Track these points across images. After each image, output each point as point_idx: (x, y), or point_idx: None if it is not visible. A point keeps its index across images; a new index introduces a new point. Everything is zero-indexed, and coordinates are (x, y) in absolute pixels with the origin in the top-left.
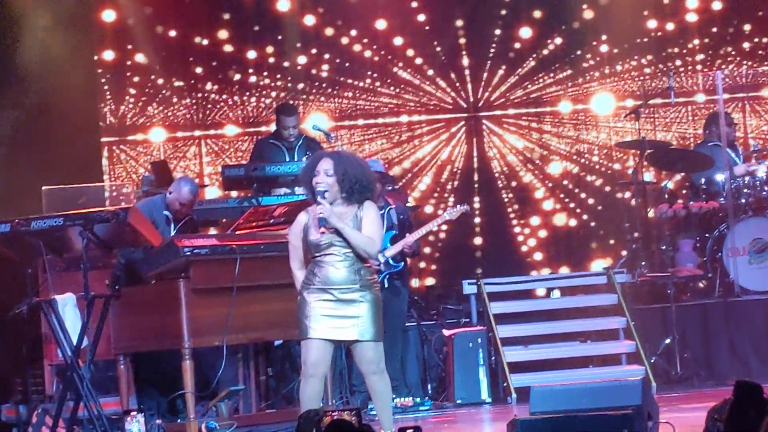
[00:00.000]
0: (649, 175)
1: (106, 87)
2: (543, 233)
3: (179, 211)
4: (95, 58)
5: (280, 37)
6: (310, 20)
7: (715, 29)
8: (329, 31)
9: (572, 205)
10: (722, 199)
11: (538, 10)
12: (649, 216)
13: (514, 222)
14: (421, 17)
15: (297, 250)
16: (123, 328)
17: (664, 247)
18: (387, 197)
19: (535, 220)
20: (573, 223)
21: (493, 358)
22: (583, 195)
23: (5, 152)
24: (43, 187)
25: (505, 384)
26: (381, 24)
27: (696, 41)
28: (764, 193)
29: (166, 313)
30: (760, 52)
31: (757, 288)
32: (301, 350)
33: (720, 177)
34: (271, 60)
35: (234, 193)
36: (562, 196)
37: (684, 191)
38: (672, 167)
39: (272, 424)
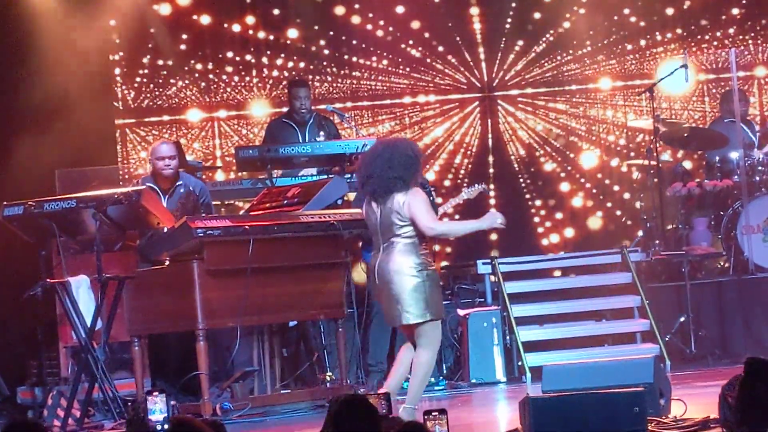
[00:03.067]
0: (666, 155)
1: (120, 69)
2: (559, 214)
3: (164, 176)
4: (116, 40)
5: (298, 20)
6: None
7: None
8: (340, 11)
9: (588, 185)
10: (737, 177)
11: None
12: (665, 195)
13: (530, 203)
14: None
15: None
16: (137, 310)
17: (678, 226)
18: None
19: (551, 201)
20: (590, 204)
21: (508, 337)
22: (599, 175)
23: (19, 135)
24: (57, 170)
25: (519, 363)
26: (395, 4)
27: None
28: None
29: (180, 295)
30: None
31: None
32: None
33: (734, 155)
34: (288, 42)
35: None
36: (578, 176)
37: (699, 169)
38: (686, 146)
39: (287, 404)
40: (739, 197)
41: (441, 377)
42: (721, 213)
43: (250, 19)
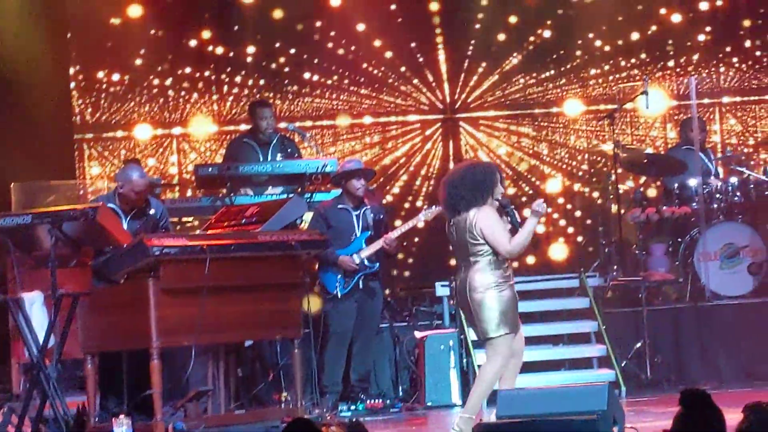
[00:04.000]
0: (629, 181)
1: (76, 83)
2: None
3: (133, 202)
4: (72, 54)
5: (258, 37)
6: (280, 16)
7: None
8: (304, 29)
9: (549, 209)
10: (695, 204)
11: (513, 16)
12: (624, 220)
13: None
14: (399, 18)
15: None
16: (91, 327)
17: (637, 251)
18: (363, 197)
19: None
20: (551, 226)
21: (465, 360)
22: (561, 200)
23: None
24: (13, 183)
25: None
26: (358, 24)
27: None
28: (736, 198)
29: (134, 313)
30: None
31: (728, 293)
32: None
33: (693, 182)
34: (249, 59)
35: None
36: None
37: (658, 195)
38: (646, 172)
39: (242, 425)
40: (697, 224)
41: (397, 399)
42: (679, 239)
43: (206, 34)
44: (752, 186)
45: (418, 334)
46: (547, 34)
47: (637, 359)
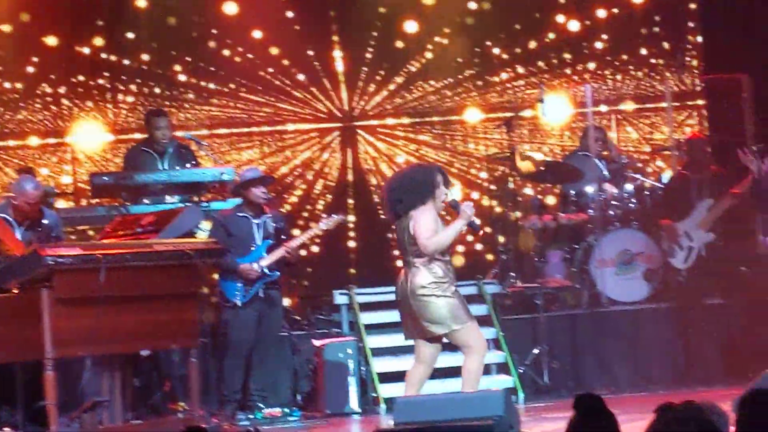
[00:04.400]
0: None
1: None
2: None
3: (26, 213)
4: None
5: (155, 45)
6: (174, 23)
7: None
8: (199, 37)
9: (449, 217)
10: (591, 210)
11: (411, 23)
12: (521, 227)
13: (390, 234)
14: (296, 26)
15: None
16: None
17: (534, 258)
18: (264, 205)
19: None
20: None
21: (363, 368)
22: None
23: None
24: None
25: (374, 394)
26: (255, 31)
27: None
28: (632, 205)
29: (28, 324)
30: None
31: (624, 299)
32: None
33: (589, 189)
34: (144, 67)
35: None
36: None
37: (555, 202)
38: (543, 179)
39: None
40: (594, 231)
41: (296, 408)
42: (576, 246)
43: (99, 42)
44: (647, 193)
45: (316, 343)
46: (445, 41)
47: (534, 365)
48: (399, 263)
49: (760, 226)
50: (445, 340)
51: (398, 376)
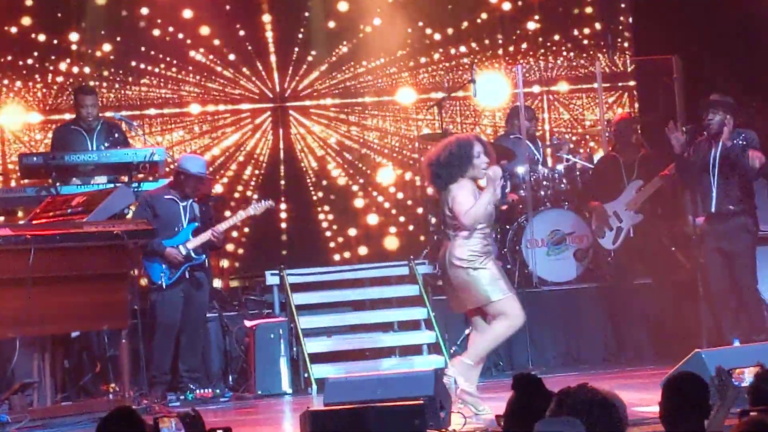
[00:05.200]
0: None
1: None
2: (351, 225)
3: None
4: None
5: (84, 24)
6: (104, 2)
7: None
8: (129, 16)
9: (381, 198)
10: (522, 191)
11: (344, 3)
12: None
13: (321, 216)
14: (227, 5)
15: None
16: None
17: None
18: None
19: (343, 213)
20: (381, 215)
21: (295, 349)
22: (392, 189)
23: None
24: None
25: (306, 375)
26: (185, 11)
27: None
28: (562, 186)
29: None
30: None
31: (555, 279)
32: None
33: (521, 169)
34: (74, 47)
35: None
36: (370, 189)
37: None
38: None
39: (68, 416)
40: (525, 211)
41: (227, 389)
42: (507, 227)
43: (27, 21)
44: (578, 173)
45: (247, 323)
46: (377, 22)
47: (466, 345)
48: (332, 244)
49: (689, 207)
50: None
51: (330, 357)
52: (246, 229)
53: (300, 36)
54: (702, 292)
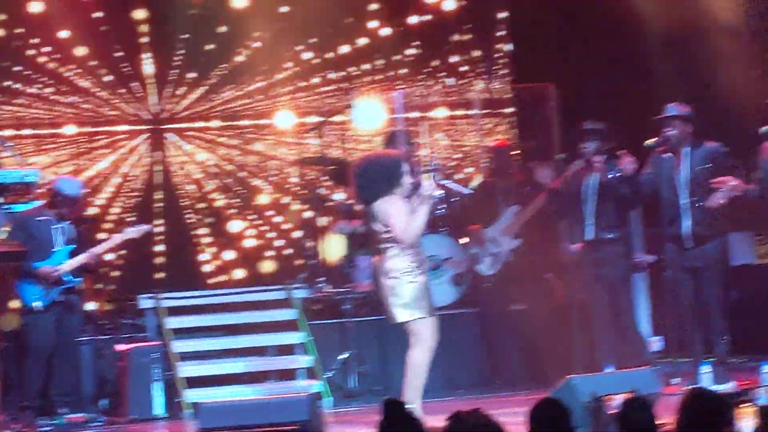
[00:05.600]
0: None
1: None
2: (228, 248)
3: None
4: None
5: None
6: None
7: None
8: (3, 36)
9: (258, 222)
10: None
11: (222, 26)
12: (330, 232)
13: (198, 240)
14: (104, 26)
15: None
16: None
17: (342, 263)
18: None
19: (220, 236)
20: (259, 239)
21: (169, 373)
22: (269, 212)
23: None
24: None
25: (180, 399)
26: (61, 31)
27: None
28: (439, 211)
29: None
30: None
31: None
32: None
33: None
34: None
35: None
36: (248, 212)
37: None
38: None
39: None
40: None
41: (100, 413)
42: None
43: None
44: (456, 199)
45: (121, 347)
46: (256, 45)
47: (343, 370)
48: (208, 268)
49: (565, 233)
50: None
51: (204, 381)
52: (121, 252)
53: (178, 58)
54: (576, 319)
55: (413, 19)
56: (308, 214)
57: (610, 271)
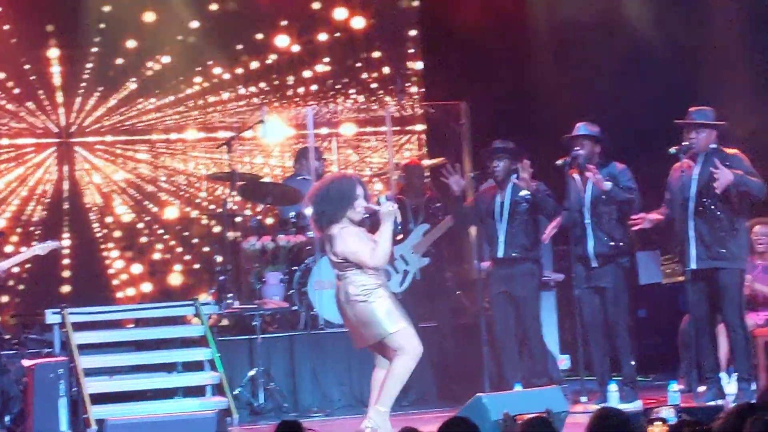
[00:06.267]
0: (248, 209)
1: None
2: (136, 264)
3: None
4: None
5: None
6: None
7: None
8: None
9: (167, 236)
10: (310, 232)
11: (132, 40)
12: (240, 248)
13: (106, 254)
14: (13, 39)
15: None
16: None
17: (252, 279)
18: None
19: (127, 251)
20: (167, 253)
21: (75, 389)
22: (178, 227)
23: None
24: None
25: (86, 416)
26: None
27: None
28: None
29: None
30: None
31: (341, 321)
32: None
33: (309, 211)
34: None
35: None
36: (156, 227)
37: (274, 224)
38: (263, 200)
39: None
40: (313, 253)
41: (4, 429)
42: (294, 268)
43: None
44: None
45: (26, 363)
46: (166, 60)
47: (251, 387)
48: (116, 282)
49: (474, 251)
50: None
51: (111, 397)
52: (27, 266)
53: (87, 72)
54: (485, 336)
55: (323, 36)
56: (217, 229)
57: (519, 289)
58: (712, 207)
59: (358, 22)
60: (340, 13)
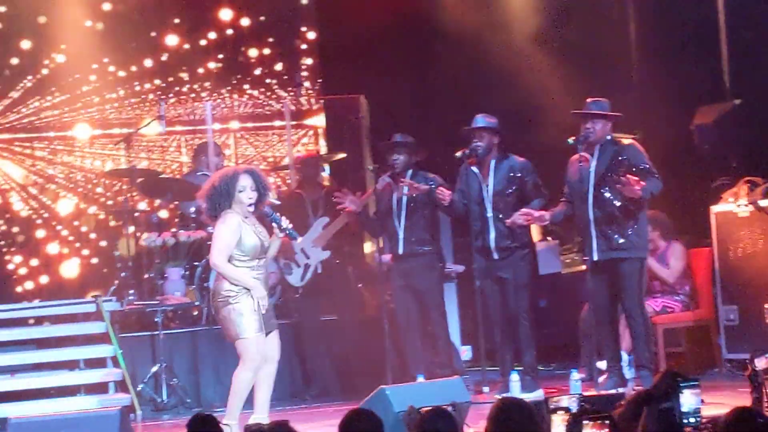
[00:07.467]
0: (142, 204)
1: None
2: (35, 262)
3: None
4: None
5: None
6: None
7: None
8: None
9: (65, 233)
10: (210, 228)
11: (26, 41)
12: (140, 244)
13: (4, 250)
14: None
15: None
16: None
17: (153, 275)
18: None
19: (25, 247)
20: (66, 251)
21: None
22: (76, 222)
23: None
24: None
25: None
26: None
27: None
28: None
29: None
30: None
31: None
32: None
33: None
34: None
35: None
36: (54, 223)
37: (176, 219)
38: (162, 195)
39: None
40: None
41: None
42: (196, 263)
43: None
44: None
45: None
46: (61, 58)
47: (153, 383)
48: (14, 278)
49: (376, 243)
50: None
51: (13, 396)
52: None
53: None
54: (387, 329)
55: (212, 35)
56: (115, 224)
57: (420, 282)
58: (611, 198)
59: (245, 21)
60: (226, 13)
